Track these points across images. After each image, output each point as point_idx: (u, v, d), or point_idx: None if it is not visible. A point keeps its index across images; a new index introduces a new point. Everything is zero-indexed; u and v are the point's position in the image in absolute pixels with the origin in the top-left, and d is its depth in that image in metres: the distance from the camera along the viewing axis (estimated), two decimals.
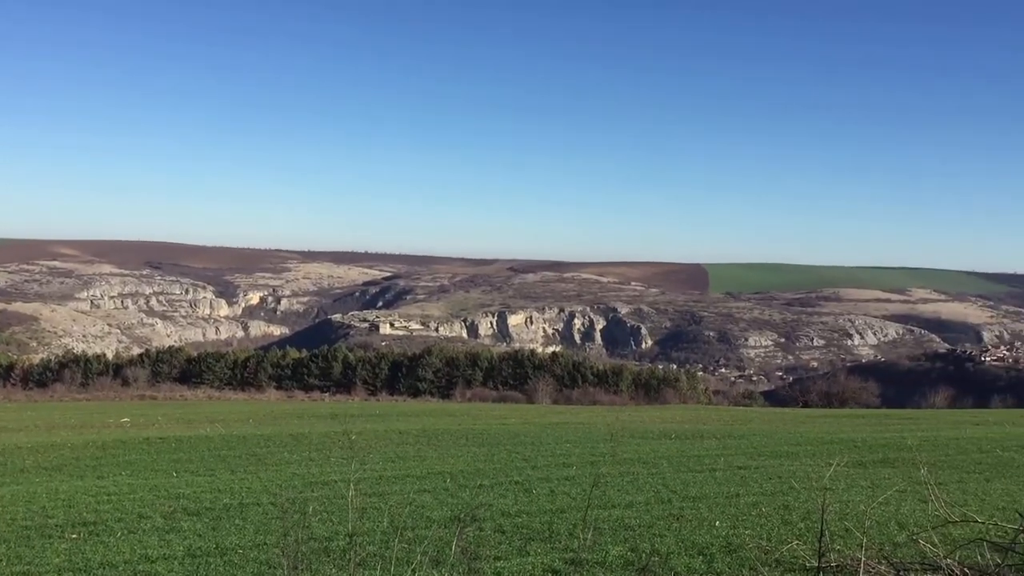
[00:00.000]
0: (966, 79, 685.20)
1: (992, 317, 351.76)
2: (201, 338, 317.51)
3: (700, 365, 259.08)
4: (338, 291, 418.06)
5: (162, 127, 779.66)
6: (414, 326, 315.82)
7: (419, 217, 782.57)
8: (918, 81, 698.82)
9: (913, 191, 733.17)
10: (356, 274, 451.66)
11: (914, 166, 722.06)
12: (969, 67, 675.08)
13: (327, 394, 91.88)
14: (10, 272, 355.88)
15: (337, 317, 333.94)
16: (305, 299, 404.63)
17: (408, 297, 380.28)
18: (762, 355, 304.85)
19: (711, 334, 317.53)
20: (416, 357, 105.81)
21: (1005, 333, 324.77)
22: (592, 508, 14.63)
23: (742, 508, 14.69)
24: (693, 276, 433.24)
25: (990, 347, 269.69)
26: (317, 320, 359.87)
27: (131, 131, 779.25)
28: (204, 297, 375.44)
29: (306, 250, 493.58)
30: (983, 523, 9.91)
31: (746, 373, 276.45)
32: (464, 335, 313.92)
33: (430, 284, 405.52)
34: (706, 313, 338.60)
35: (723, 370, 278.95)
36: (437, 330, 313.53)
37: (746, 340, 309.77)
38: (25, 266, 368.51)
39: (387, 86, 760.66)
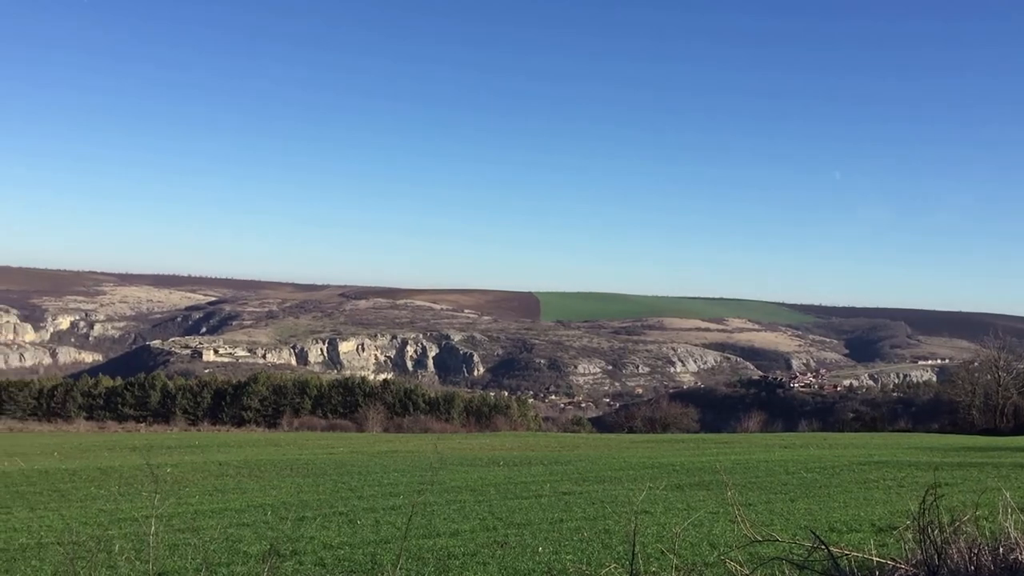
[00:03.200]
0: (773, 122, 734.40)
1: (800, 346, 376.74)
2: (3, 365, 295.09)
3: (531, 392, 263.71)
4: (158, 316, 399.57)
5: None
6: (240, 353, 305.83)
7: (247, 240, 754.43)
8: (730, 119, 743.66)
9: (733, 224, 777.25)
10: (178, 298, 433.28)
11: (734, 201, 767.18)
12: (788, 113, 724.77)
13: (143, 425, 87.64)
14: None
15: (156, 343, 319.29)
16: (121, 324, 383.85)
17: (234, 323, 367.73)
18: (591, 382, 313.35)
19: (542, 361, 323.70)
20: (241, 385, 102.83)
21: (812, 361, 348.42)
22: (417, 537, 14.48)
23: (565, 533, 14.92)
24: (525, 304, 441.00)
25: (798, 374, 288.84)
26: (134, 346, 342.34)
27: None
28: (7, 321, 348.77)
29: (124, 272, 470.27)
30: (784, 542, 10.49)
31: (575, 400, 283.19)
32: (293, 362, 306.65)
33: (257, 309, 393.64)
34: (537, 341, 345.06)
35: (553, 397, 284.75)
36: (265, 357, 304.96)
37: (576, 367, 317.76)
38: None
39: (210, 102, 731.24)
